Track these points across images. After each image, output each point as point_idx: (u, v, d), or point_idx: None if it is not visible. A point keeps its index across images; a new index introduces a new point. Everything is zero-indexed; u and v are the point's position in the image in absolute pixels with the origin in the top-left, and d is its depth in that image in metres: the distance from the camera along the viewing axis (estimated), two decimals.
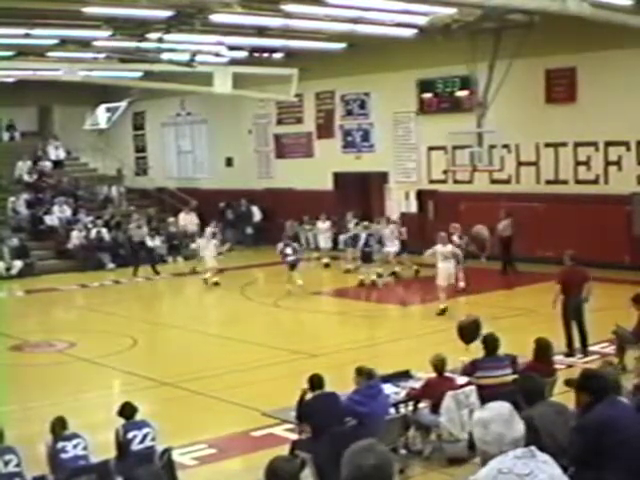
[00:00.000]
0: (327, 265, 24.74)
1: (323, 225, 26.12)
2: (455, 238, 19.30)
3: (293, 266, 20.46)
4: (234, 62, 24.40)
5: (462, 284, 19.25)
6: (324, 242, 25.88)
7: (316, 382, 8.76)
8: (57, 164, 31.84)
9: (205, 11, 18.32)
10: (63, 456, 7.98)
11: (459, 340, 10.69)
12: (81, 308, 21.47)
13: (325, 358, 13.88)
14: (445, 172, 24.84)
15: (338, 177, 27.81)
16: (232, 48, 24.09)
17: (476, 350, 10.18)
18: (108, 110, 30.56)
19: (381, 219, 23.60)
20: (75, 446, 8.05)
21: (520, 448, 3.93)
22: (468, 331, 10.54)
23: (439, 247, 17.58)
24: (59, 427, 8.19)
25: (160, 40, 20.64)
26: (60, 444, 8.04)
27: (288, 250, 20.63)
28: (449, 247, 17.73)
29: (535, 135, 22.65)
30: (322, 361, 13.34)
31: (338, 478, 3.71)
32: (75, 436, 8.17)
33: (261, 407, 10.79)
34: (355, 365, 9.15)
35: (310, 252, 25.92)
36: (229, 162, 31.66)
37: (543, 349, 9.56)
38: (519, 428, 4.00)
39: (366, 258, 21.05)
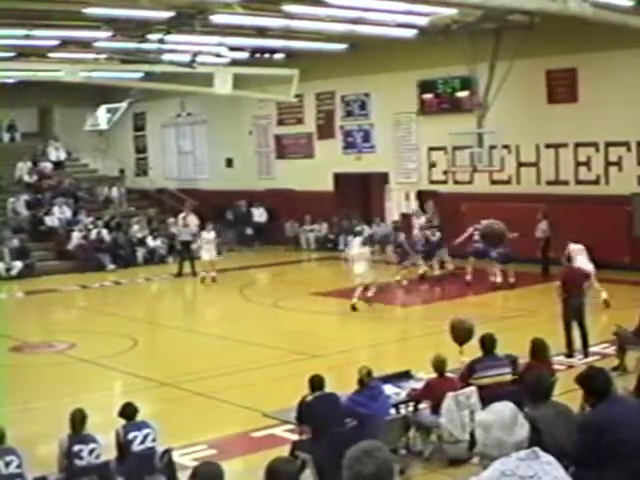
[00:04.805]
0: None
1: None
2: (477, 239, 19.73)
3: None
4: (234, 63, 24.39)
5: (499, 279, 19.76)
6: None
7: (316, 383, 8.76)
8: (57, 165, 31.83)
9: (206, 12, 18.34)
10: (77, 462, 7.82)
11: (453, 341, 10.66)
12: (81, 309, 21.47)
13: (325, 359, 13.85)
14: (445, 173, 24.83)
15: (339, 178, 27.80)
16: (233, 49, 24.10)
17: (470, 351, 10.20)
18: (108, 111, 30.51)
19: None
20: (91, 452, 7.87)
21: (523, 450, 3.91)
22: (462, 333, 10.53)
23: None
24: (79, 423, 7.98)
25: (161, 41, 20.66)
26: (76, 447, 7.84)
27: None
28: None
29: (535, 136, 22.63)
30: (322, 362, 13.31)
31: (338, 479, 3.70)
32: (92, 440, 7.97)
33: (261, 408, 10.78)
34: (356, 366, 9.16)
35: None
36: (229, 163, 31.64)
37: (539, 349, 9.54)
38: (521, 432, 3.96)
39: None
